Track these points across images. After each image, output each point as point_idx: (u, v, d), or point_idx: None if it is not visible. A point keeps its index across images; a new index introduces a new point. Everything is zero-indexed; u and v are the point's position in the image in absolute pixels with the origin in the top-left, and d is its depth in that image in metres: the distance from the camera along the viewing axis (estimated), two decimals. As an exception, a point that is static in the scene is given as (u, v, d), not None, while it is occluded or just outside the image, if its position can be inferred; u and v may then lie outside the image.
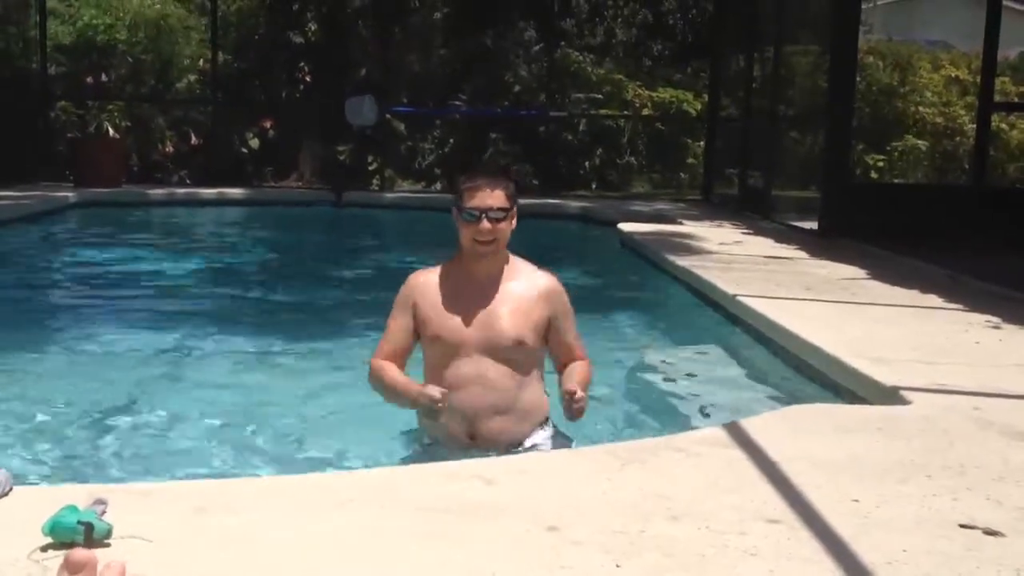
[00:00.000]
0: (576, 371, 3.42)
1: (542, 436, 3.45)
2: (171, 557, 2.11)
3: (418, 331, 3.42)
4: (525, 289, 3.41)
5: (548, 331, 3.45)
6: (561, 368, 3.50)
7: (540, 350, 3.47)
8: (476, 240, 3.31)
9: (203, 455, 3.79)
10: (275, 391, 4.72)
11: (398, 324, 3.45)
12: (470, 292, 3.37)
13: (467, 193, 3.32)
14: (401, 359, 3.46)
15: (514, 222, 3.38)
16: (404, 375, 3.42)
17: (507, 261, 3.44)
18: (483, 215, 3.28)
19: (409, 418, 3.65)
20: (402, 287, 3.49)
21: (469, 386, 3.31)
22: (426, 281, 3.44)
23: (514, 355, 3.37)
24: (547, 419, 3.51)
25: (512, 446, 3.37)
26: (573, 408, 3.21)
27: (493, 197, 3.30)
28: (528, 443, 3.41)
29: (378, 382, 3.44)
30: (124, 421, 4.19)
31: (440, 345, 3.37)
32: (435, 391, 3.19)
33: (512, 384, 3.37)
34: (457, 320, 3.35)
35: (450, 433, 3.37)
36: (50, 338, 5.75)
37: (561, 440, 3.48)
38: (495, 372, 3.33)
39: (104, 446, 3.88)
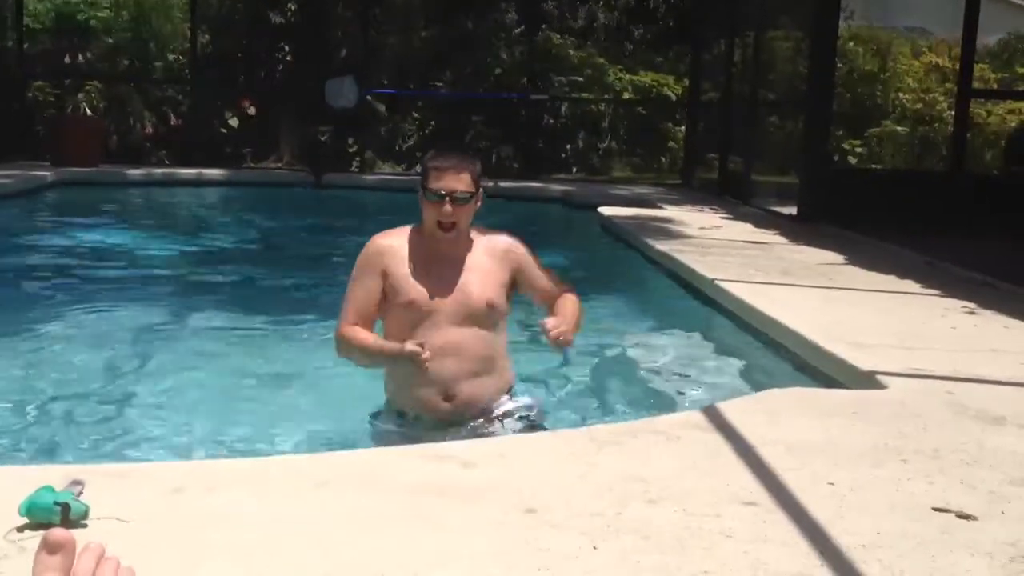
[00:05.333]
0: (561, 306, 3.43)
1: (512, 404, 3.47)
2: (148, 538, 2.10)
3: (387, 296, 3.37)
4: (488, 253, 3.42)
5: (518, 288, 3.47)
6: (551, 313, 3.48)
7: (506, 314, 3.47)
8: (439, 221, 3.30)
9: (180, 436, 3.78)
10: (253, 372, 4.72)
11: (365, 288, 3.37)
12: (438, 262, 3.35)
13: (433, 174, 3.31)
14: (369, 325, 3.41)
15: (479, 203, 3.38)
16: (376, 336, 3.41)
17: (468, 236, 3.43)
18: (447, 198, 3.27)
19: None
20: (365, 250, 3.41)
21: (445, 355, 3.30)
22: (392, 246, 3.38)
23: (487, 319, 3.37)
24: (512, 387, 3.53)
25: (486, 411, 3.39)
26: (551, 337, 3.21)
27: (459, 180, 3.29)
28: (500, 410, 3.42)
29: (350, 345, 3.38)
30: (101, 401, 4.17)
31: (412, 312, 3.32)
32: (417, 345, 3.21)
33: (484, 348, 3.38)
34: (429, 288, 3.32)
35: (424, 400, 3.36)
36: (26, 317, 5.71)
37: (528, 408, 3.49)
38: (471, 339, 3.33)
39: (80, 426, 3.87)
